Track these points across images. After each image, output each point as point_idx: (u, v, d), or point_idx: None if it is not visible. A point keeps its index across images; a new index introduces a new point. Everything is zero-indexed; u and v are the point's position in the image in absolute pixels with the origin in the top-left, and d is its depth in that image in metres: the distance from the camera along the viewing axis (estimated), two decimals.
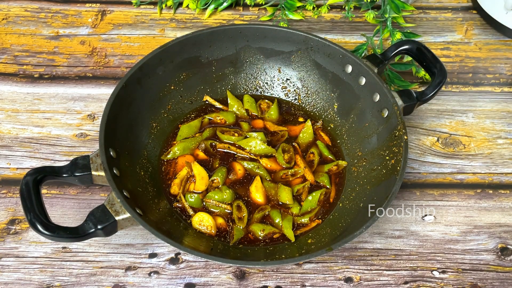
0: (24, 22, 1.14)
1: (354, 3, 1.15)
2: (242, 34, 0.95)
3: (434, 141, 0.97)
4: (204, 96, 0.97)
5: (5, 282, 0.80)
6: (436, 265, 0.83)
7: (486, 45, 1.12)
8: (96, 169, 0.78)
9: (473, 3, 1.18)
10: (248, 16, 1.17)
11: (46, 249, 0.83)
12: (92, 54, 1.09)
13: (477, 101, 1.03)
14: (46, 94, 1.02)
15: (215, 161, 0.89)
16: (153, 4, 1.18)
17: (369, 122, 0.90)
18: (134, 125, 0.89)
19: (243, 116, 0.96)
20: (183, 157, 0.90)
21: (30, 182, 0.73)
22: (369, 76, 0.89)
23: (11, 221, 0.86)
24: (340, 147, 0.93)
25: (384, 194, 0.78)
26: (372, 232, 0.86)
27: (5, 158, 0.93)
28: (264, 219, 0.84)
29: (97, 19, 1.15)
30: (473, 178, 0.93)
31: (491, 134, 0.98)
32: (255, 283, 0.80)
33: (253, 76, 0.99)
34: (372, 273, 0.82)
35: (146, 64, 0.89)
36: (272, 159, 0.90)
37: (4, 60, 1.07)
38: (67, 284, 0.80)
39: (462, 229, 0.87)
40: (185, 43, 0.92)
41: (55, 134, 0.96)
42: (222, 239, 0.82)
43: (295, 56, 0.97)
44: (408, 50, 0.92)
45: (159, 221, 0.80)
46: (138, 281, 0.80)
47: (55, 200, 0.88)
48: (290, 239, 0.81)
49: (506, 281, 0.81)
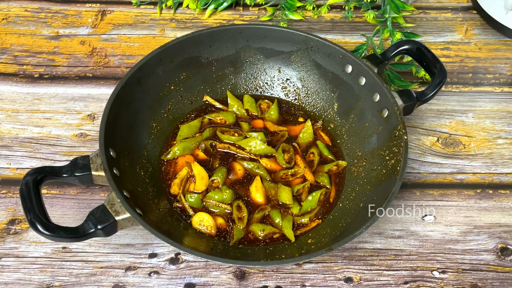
0: (24, 22, 1.14)
1: (354, 3, 1.15)
2: (242, 34, 0.95)
3: (434, 141, 0.97)
4: (204, 96, 0.97)
5: (5, 282, 0.80)
6: (436, 265, 0.83)
7: (486, 45, 1.12)
8: (96, 169, 0.78)
9: (473, 3, 1.18)
10: (248, 16, 1.17)
11: (46, 249, 0.83)
12: (92, 54, 1.09)
13: (477, 101, 1.03)
14: (46, 94, 1.02)
15: (215, 161, 0.89)
16: (153, 4, 1.18)
17: (369, 122, 0.90)
18: (134, 125, 0.89)
19: (243, 116, 0.96)
20: (183, 157, 0.90)
21: (30, 182, 0.73)
22: (369, 76, 0.89)
23: (11, 221, 0.86)
24: (340, 147, 0.93)
25: (384, 194, 0.78)
26: (372, 232, 0.86)
27: (5, 158, 0.93)
28: (264, 219, 0.84)
29: (97, 19, 1.15)
30: (473, 178, 0.93)
31: (491, 134, 0.98)
32: (255, 283, 0.80)
33: (253, 76, 0.99)
34: (372, 273, 0.82)
35: (146, 64, 0.89)
36: (272, 159, 0.90)
37: (4, 60, 1.07)
38: (67, 284, 0.80)
39: (462, 229, 0.87)
40: (185, 43, 0.92)
41: (55, 134, 0.96)
42: (222, 239, 0.82)
43: (295, 56, 0.97)
44: (408, 50, 0.92)
45: (159, 221, 0.80)
46: (138, 281, 0.80)
47: (55, 200, 0.88)
48: (290, 239, 0.81)
49: (506, 281, 0.81)
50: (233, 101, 0.96)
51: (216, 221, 0.83)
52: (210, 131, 0.93)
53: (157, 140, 0.91)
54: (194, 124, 0.93)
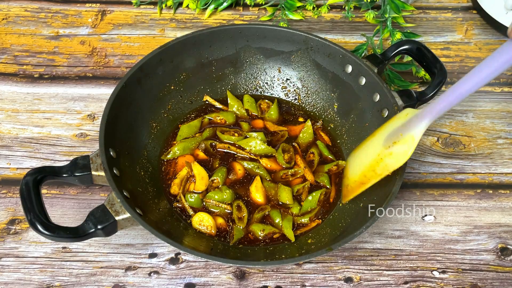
0: (24, 22, 1.14)
1: (354, 3, 1.15)
2: (242, 34, 0.95)
3: (434, 141, 0.97)
4: (204, 96, 0.97)
5: (5, 282, 0.80)
6: (436, 265, 0.83)
7: (486, 45, 1.12)
8: (96, 169, 0.78)
9: (473, 3, 1.18)
10: (248, 16, 1.17)
11: (46, 249, 0.83)
12: (92, 54, 1.09)
13: (477, 101, 1.03)
14: (46, 94, 1.02)
15: (215, 161, 0.89)
16: (153, 4, 1.18)
17: (369, 122, 0.90)
18: (134, 125, 0.89)
19: (243, 116, 0.96)
20: (183, 157, 0.90)
21: (30, 182, 0.73)
22: (369, 76, 0.89)
23: (11, 221, 0.86)
24: (340, 147, 0.93)
25: (384, 194, 0.78)
26: (372, 232, 0.86)
27: (5, 158, 0.93)
28: (264, 219, 0.84)
29: (97, 19, 1.15)
30: (473, 178, 0.93)
31: (491, 134, 0.98)
32: (255, 283, 0.80)
33: (253, 76, 0.99)
34: (372, 273, 0.82)
35: (146, 64, 0.89)
36: (272, 159, 0.90)
37: (4, 60, 1.07)
38: (67, 284, 0.80)
39: (462, 229, 0.87)
40: (185, 43, 0.92)
41: (55, 134, 0.96)
42: (222, 239, 0.82)
43: (295, 56, 0.97)
44: (408, 50, 0.92)
45: (159, 221, 0.80)
46: (138, 281, 0.80)
47: (55, 200, 0.88)
48: (290, 239, 0.81)
49: (506, 281, 0.81)
50: (233, 101, 0.96)
51: (216, 221, 0.83)
52: (210, 131, 0.93)
53: (157, 140, 0.91)
54: (194, 124, 0.93)
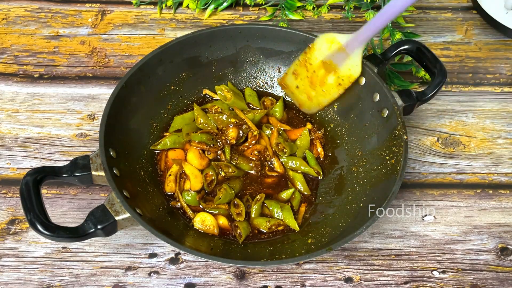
0: (24, 22, 1.14)
1: (354, 3, 1.15)
2: (242, 34, 0.95)
3: (434, 141, 0.97)
4: (203, 90, 0.97)
5: (5, 282, 0.80)
6: (436, 265, 0.83)
7: (486, 45, 1.12)
8: (96, 169, 0.78)
9: (473, 3, 1.18)
10: (248, 16, 1.17)
11: (46, 249, 0.83)
12: (92, 54, 1.09)
13: (477, 101, 1.03)
14: (46, 94, 1.02)
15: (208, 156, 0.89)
16: (153, 4, 1.18)
17: (369, 122, 0.90)
18: (134, 125, 0.89)
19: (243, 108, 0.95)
20: (173, 151, 0.89)
21: (30, 182, 0.73)
22: (369, 76, 0.89)
23: (11, 221, 0.86)
24: (340, 147, 0.93)
25: (384, 194, 0.78)
26: (372, 232, 0.86)
27: (5, 158, 0.93)
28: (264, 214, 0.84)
29: (97, 19, 1.15)
30: (473, 178, 0.93)
31: (491, 134, 0.98)
32: (255, 283, 0.80)
33: (253, 76, 0.99)
34: (372, 273, 0.82)
35: (146, 64, 0.89)
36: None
37: (4, 60, 1.07)
38: (67, 284, 0.80)
39: (462, 229, 0.87)
40: (185, 43, 0.93)
41: (55, 134, 0.96)
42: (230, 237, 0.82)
43: (295, 56, 0.96)
44: (408, 50, 0.92)
45: (159, 221, 0.80)
46: (138, 281, 0.80)
47: (55, 200, 0.88)
48: (294, 229, 0.82)
49: (506, 281, 0.81)
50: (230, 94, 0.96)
51: (217, 220, 0.83)
52: (202, 136, 0.89)
53: (157, 140, 0.91)
54: (187, 116, 0.93)
